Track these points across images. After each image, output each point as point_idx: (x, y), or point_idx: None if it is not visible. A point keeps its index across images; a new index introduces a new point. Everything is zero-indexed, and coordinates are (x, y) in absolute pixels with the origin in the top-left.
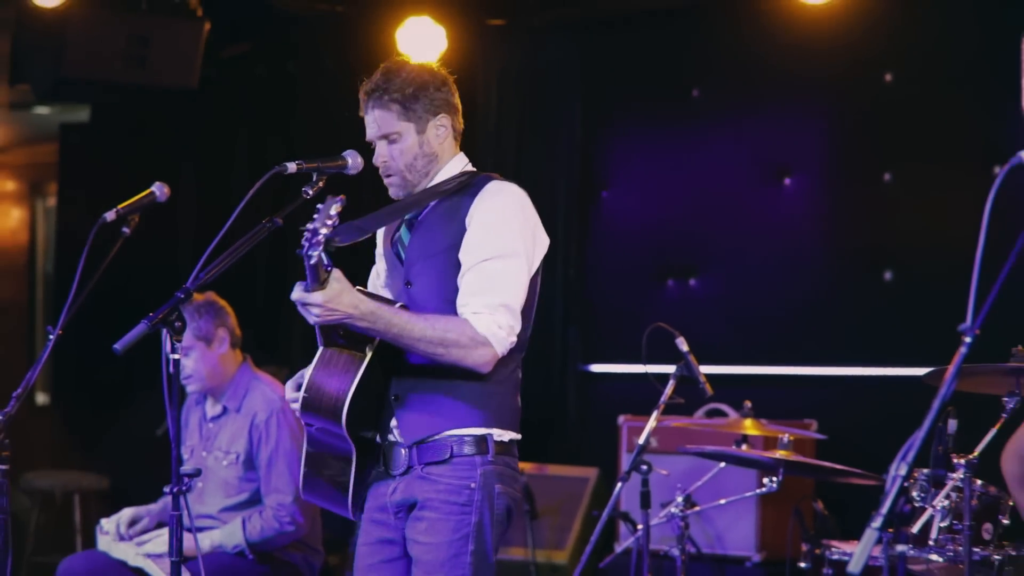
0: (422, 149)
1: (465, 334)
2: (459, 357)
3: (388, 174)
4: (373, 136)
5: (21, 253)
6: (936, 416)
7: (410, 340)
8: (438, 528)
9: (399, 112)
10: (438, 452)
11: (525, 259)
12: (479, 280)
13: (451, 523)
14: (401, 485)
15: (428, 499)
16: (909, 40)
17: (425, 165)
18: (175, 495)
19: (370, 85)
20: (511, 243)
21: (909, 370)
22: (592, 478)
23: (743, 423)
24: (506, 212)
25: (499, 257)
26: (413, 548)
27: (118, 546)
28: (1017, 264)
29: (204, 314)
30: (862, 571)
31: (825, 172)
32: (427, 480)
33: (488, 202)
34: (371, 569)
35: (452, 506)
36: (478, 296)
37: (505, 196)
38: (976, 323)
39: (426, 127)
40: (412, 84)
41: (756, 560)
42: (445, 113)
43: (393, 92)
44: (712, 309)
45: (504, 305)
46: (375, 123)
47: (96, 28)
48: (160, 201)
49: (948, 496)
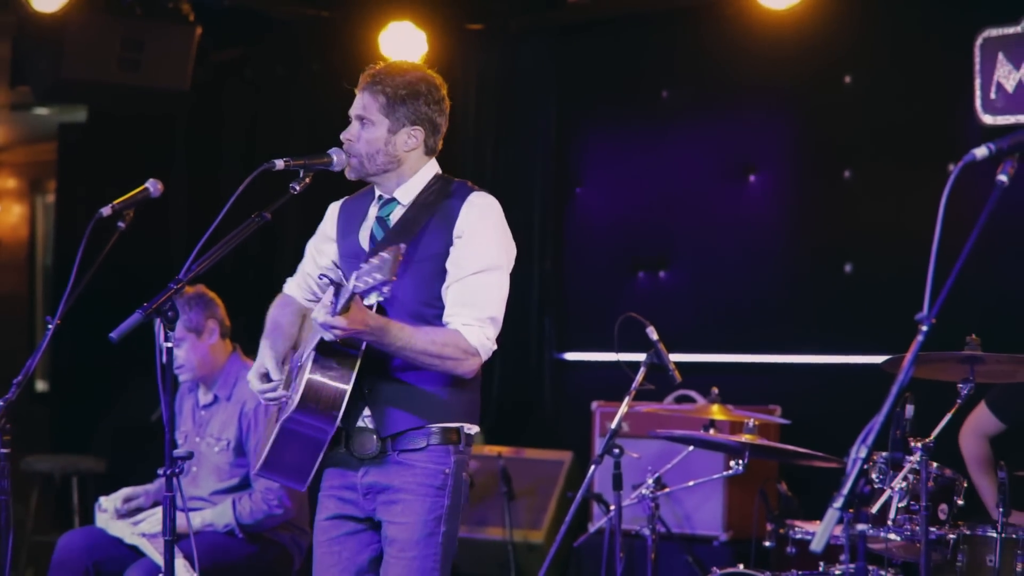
0: (386, 147)
1: (459, 347)
2: (451, 367)
3: (349, 152)
4: (353, 112)
5: (21, 247)
6: (894, 402)
7: (411, 352)
8: (415, 508)
9: (382, 105)
10: (414, 441)
11: (506, 270)
12: (468, 292)
13: (427, 504)
14: (372, 468)
15: (405, 483)
16: (868, 43)
17: (384, 163)
18: (168, 477)
19: (373, 70)
20: (496, 257)
21: (868, 358)
22: (567, 461)
23: (710, 408)
24: (489, 226)
25: (486, 271)
26: (388, 528)
27: (115, 524)
28: (971, 257)
29: (194, 306)
30: (824, 549)
31: (788, 170)
32: (403, 465)
33: (474, 215)
34: (334, 542)
35: (428, 488)
36: (468, 308)
37: (488, 210)
38: (932, 313)
39: (398, 130)
40: (406, 88)
41: (723, 539)
42: (422, 127)
43: (387, 86)
44: (681, 300)
45: (491, 318)
46: (360, 103)
47: (93, 32)
48: (154, 197)
49: (906, 478)
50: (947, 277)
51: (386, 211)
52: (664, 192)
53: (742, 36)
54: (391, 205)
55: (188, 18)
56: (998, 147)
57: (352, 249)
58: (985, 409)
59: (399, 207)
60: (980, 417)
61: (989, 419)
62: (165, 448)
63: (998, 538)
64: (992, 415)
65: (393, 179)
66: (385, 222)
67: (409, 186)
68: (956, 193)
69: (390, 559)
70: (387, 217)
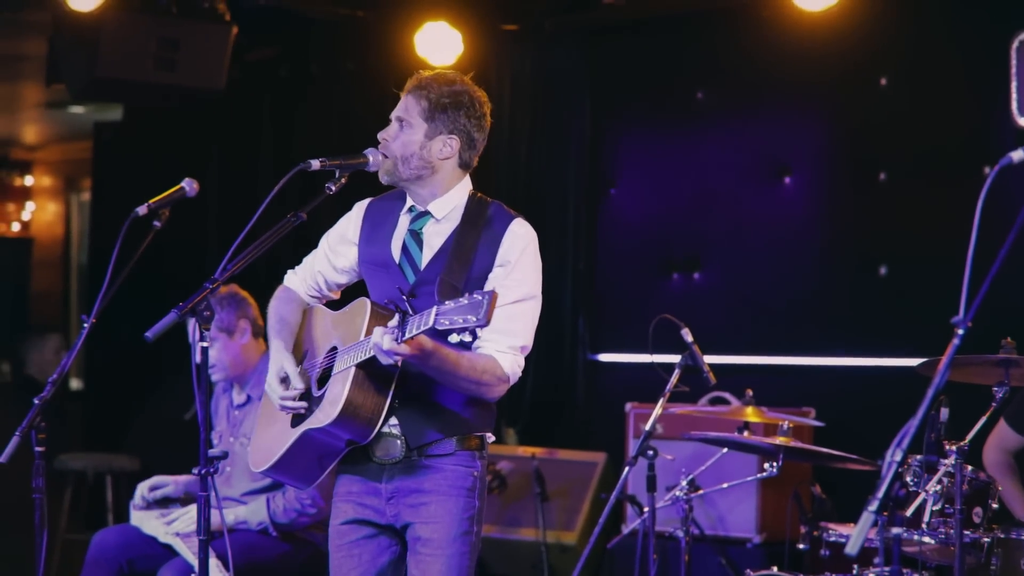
0: (420, 152)
1: (495, 374)
2: (484, 392)
3: (385, 153)
4: (394, 114)
5: (57, 245)
6: (929, 405)
7: (452, 376)
8: (448, 508)
9: (424, 109)
10: (443, 448)
11: (540, 299)
12: (507, 321)
13: (460, 504)
14: (398, 473)
15: (436, 485)
16: (903, 46)
17: (418, 167)
18: (203, 476)
19: (421, 75)
20: (533, 287)
21: (903, 361)
22: (600, 462)
23: (745, 411)
24: (530, 256)
25: (523, 300)
26: (420, 529)
27: (150, 522)
28: (1007, 260)
29: (226, 306)
30: (859, 552)
31: (823, 171)
32: (432, 469)
33: (519, 246)
34: (353, 545)
35: (460, 490)
36: (504, 336)
37: (530, 240)
38: (968, 316)
39: (435, 137)
40: (450, 97)
41: (756, 541)
42: (459, 138)
43: (431, 92)
44: (715, 301)
45: (524, 347)
46: (403, 105)
47: (128, 32)
48: (189, 196)
49: (940, 481)
50: (983, 280)
51: (419, 224)
52: (698, 193)
53: (777, 37)
54: (424, 219)
55: (224, 17)
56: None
57: (380, 258)
58: (1005, 425)
59: (432, 221)
60: (1001, 433)
61: (1010, 435)
62: (200, 447)
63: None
64: (1012, 431)
65: (427, 189)
66: (419, 236)
67: (444, 201)
68: (992, 196)
69: (426, 558)
70: (420, 231)
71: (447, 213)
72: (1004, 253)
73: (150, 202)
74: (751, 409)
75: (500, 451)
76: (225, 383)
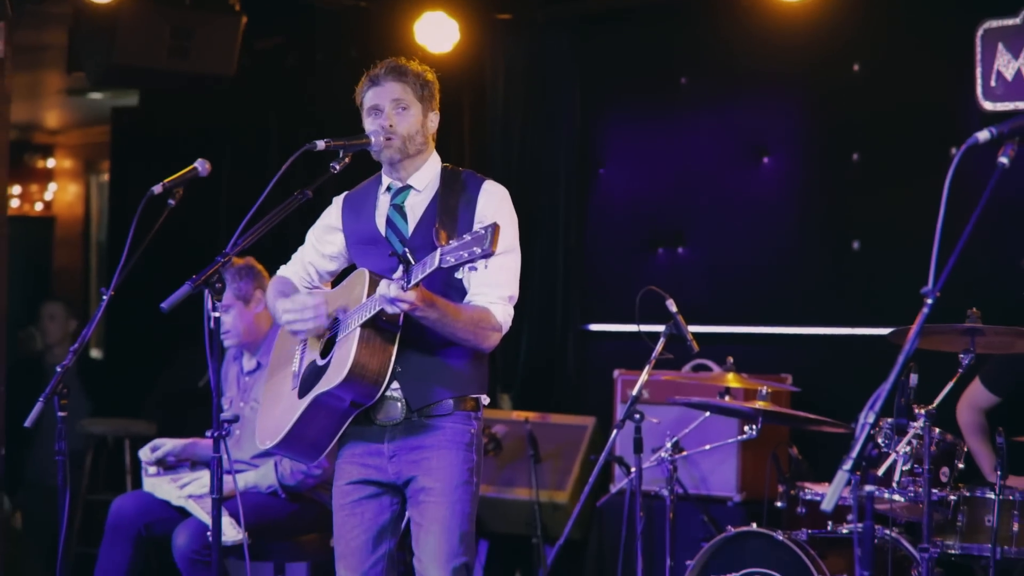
0: (420, 128)
1: (490, 323)
2: (481, 342)
3: (389, 137)
4: (384, 100)
5: (78, 224)
6: (900, 371)
7: (452, 327)
8: (450, 460)
9: (414, 90)
10: (442, 409)
11: (519, 251)
12: (493, 272)
13: (460, 457)
14: (399, 433)
15: (437, 441)
16: (875, 33)
17: (420, 143)
18: (216, 439)
19: (391, 64)
20: (512, 240)
21: (875, 330)
22: (590, 426)
23: (726, 376)
24: (506, 212)
25: (506, 252)
26: (423, 480)
27: (162, 487)
28: (973, 235)
29: (244, 276)
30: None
31: (799, 152)
32: (431, 428)
33: (493, 203)
34: (356, 504)
35: (459, 445)
36: (492, 288)
37: (503, 197)
38: (936, 287)
39: (427, 113)
40: (425, 76)
41: (737, 500)
42: (438, 113)
43: (411, 75)
44: (697, 274)
45: (511, 296)
46: (388, 93)
47: (144, 21)
48: (202, 176)
49: (910, 443)
50: (950, 253)
51: (400, 199)
52: (682, 173)
53: (756, 26)
54: (405, 193)
55: (234, 8)
56: (999, 131)
57: (367, 235)
58: (979, 384)
59: (413, 193)
60: (975, 392)
61: (983, 393)
62: (213, 412)
63: (996, 499)
64: (986, 389)
65: (412, 165)
66: (402, 208)
67: (422, 174)
68: (959, 174)
69: (430, 505)
70: (402, 204)
71: (426, 184)
72: (970, 228)
73: (165, 182)
74: (732, 375)
75: (495, 415)
76: (236, 351)
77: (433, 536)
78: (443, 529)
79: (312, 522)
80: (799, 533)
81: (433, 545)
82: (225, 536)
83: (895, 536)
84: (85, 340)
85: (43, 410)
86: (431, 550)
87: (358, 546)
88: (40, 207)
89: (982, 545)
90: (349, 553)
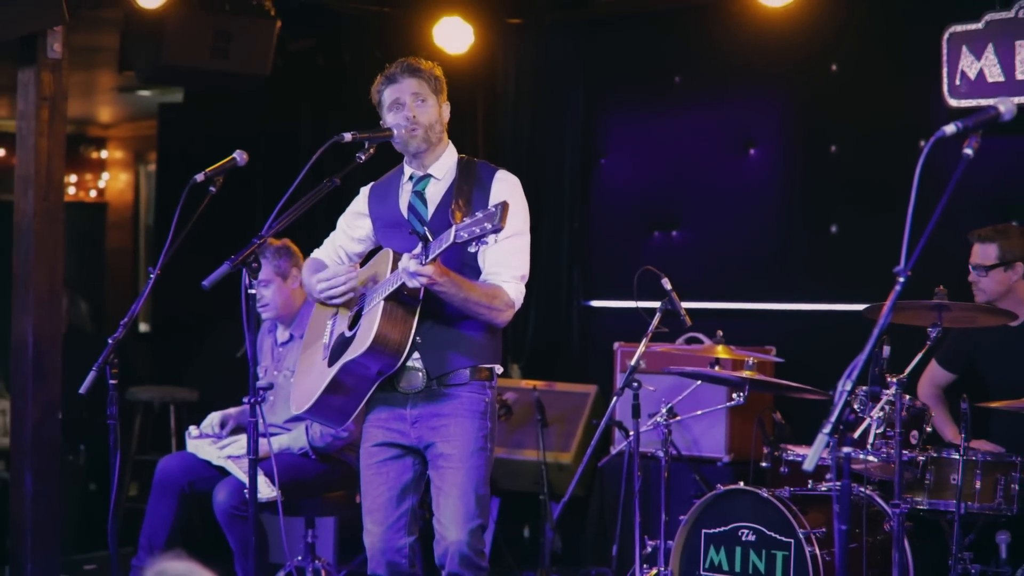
0: (438, 119)
1: (503, 300)
2: (495, 316)
3: (414, 128)
4: (404, 95)
5: (128, 209)
6: (874, 343)
7: (467, 301)
8: (465, 428)
9: (429, 84)
10: (459, 378)
11: (529, 235)
12: (505, 254)
13: (475, 425)
14: (420, 400)
15: (454, 410)
16: (851, 37)
17: (438, 133)
18: (252, 405)
19: (405, 63)
20: (523, 224)
21: (851, 306)
22: (592, 393)
23: (716, 348)
24: (517, 198)
25: (517, 235)
26: (441, 447)
27: (204, 448)
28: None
29: (283, 255)
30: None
31: (783, 144)
32: (449, 396)
33: (506, 190)
34: (381, 464)
35: (475, 414)
36: (505, 268)
37: (515, 185)
38: (907, 266)
39: (441, 104)
40: (435, 71)
41: (726, 460)
42: (449, 104)
43: (424, 72)
44: (690, 255)
45: (523, 276)
46: (408, 88)
47: (188, 25)
48: (240, 166)
49: (883, 408)
50: (920, 236)
51: (421, 186)
52: (676, 163)
53: (744, 30)
54: (426, 181)
55: (269, 13)
56: (964, 125)
57: (392, 219)
58: (936, 364)
59: (433, 181)
60: (933, 371)
61: (941, 373)
62: (249, 380)
63: (960, 460)
64: (942, 368)
65: (434, 153)
66: (423, 195)
67: (441, 163)
68: (928, 164)
69: (448, 471)
70: (424, 191)
71: (444, 173)
72: (938, 213)
73: (206, 171)
74: (721, 347)
75: (506, 384)
76: (271, 323)
77: (452, 500)
78: (461, 493)
79: (339, 481)
80: (782, 491)
81: (452, 509)
82: (260, 493)
83: (869, 493)
84: (134, 315)
85: (96, 378)
86: (450, 513)
87: (384, 502)
88: (94, 194)
89: (948, 501)
90: (376, 508)
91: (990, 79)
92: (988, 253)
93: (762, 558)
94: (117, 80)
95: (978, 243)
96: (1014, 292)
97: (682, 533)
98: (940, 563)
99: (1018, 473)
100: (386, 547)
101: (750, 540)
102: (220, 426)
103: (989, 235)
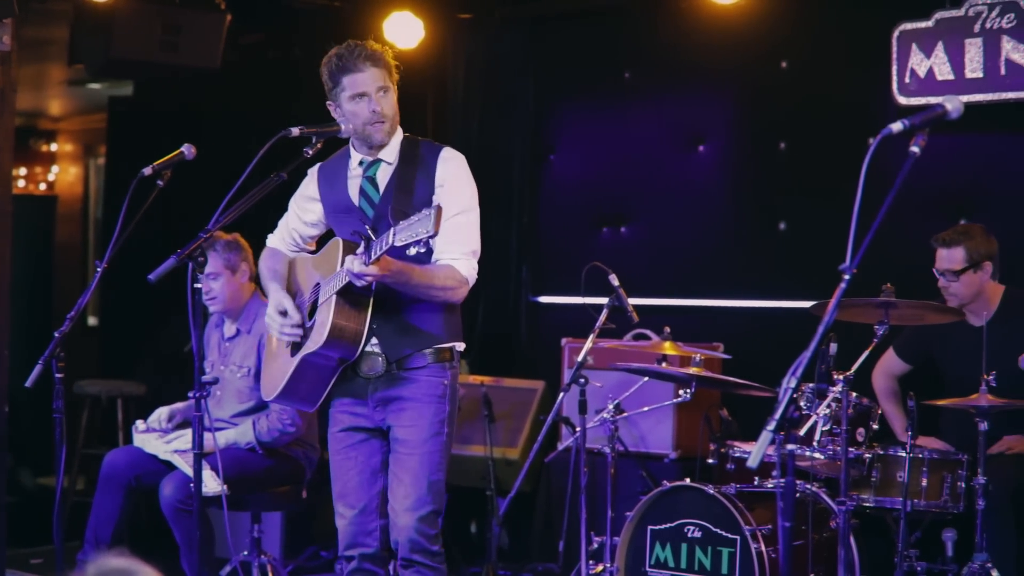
0: (397, 108)
1: (455, 279)
2: (450, 296)
3: (380, 121)
4: (370, 87)
5: (77, 202)
6: (820, 340)
7: (419, 287)
8: (422, 413)
9: (388, 73)
10: (417, 361)
11: (478, 210)
12: (454, 232)
13: (432, 409)
14: (381, 384)
15: (412, 393)
16: (801, 34)
17: (397, 122)
18: (197, 399)
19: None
20: (471, 200)
21: (798, 303)
22: (539, 389)
23: (663, 345)
24: (463, 175)
25: (465, 212)
26: (399, 431)
27: (151, 443)
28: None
29: (232, 249)
30: (759, 465)
31: (732, 141)
32: (408, 380)
33: (451, 168)
34: (349, 449)
35: (432, 397)
36: (455, 245)
37: (460, 162)
38: (853, 264)
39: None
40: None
41: (672, 457)
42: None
43: (384, 60)
44: (639, 252)
45: (474, 251)
46: (372, 79)
47: (138, 18)
48: (188, 159)
49: (829, 406)
50: (866, 233)
51: (372, 171)
52: (626, 159)
53: (693, 26)
54: (376, 165)
55: (220, 6)
56: (911, 123)
57: (342, 204)
58: (892, 353)
59: (384, 165)
60: (889, 360)
61: (896, 362)
62: (195, 374)
63: (907, 457)
64: (899, 358)
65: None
66: (374, 180)
67: (391, 147)
68: (875, 162)
69: (403, 456)
70: (375, 176)
71: (394, 156)
72: (884, 210)
73: (154, 164)
74: (668, 344)
75: None
76: (218, 318)
77: (403, 486)
78: (413, 479)
79: (286, 475)
80: (728, 487)
81: (402, 494)
82: (206, 488)
83: (815, 490)
84: (81, 308)
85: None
86: (400, 498)
87: (355, 485)
88: (44, 187)
89: (894, 499)
90: (348, 492)
91: (940, 77)
92: (955, 257)
93: (708, 554)
94: (67, 73)
95: (943, 248)
96: (983, 292)
97: (628, 529)
98: (886, 560)
99: (965, 471)
100: (358, 530)
101: (696, 536)
102: (167, 420)
103: (953, 238)
